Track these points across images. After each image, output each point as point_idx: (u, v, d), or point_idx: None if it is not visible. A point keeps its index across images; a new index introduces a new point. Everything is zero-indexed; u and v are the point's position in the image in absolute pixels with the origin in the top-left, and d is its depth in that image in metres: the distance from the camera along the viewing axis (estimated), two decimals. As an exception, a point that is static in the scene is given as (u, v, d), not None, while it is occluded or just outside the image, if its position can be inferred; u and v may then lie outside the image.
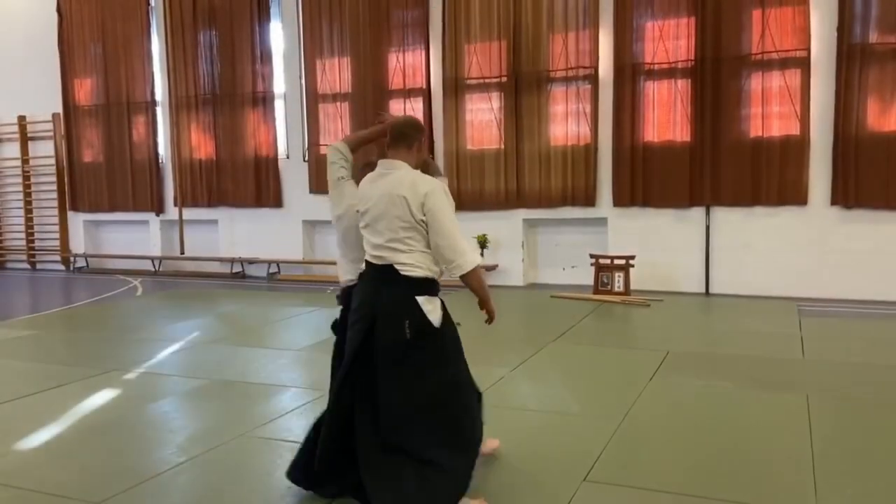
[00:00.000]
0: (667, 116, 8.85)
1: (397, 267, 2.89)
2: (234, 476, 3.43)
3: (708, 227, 8.75)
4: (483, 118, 9.67)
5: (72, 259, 12.35)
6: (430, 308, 2.91)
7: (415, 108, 9.95)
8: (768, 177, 8.42)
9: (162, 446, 3.84)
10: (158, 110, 11.58)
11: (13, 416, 4.42)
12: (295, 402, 4.61)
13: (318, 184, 10.61)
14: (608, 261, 8.58)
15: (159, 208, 11.69)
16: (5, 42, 12.33)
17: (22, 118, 12.43)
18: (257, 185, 10.92)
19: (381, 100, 10.09)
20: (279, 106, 10.87)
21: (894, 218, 8.03)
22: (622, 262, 8.49)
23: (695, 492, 3.17)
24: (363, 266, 3.08)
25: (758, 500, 3.10)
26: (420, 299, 2.89)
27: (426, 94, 9.88)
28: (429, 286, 2.94)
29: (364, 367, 2.93)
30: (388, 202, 2.94)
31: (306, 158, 10.69)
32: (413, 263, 2.91)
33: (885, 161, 7.97)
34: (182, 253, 11.25)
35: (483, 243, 9.55)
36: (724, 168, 8.56)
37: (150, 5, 11.43)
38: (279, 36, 10.80)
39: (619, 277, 8.46)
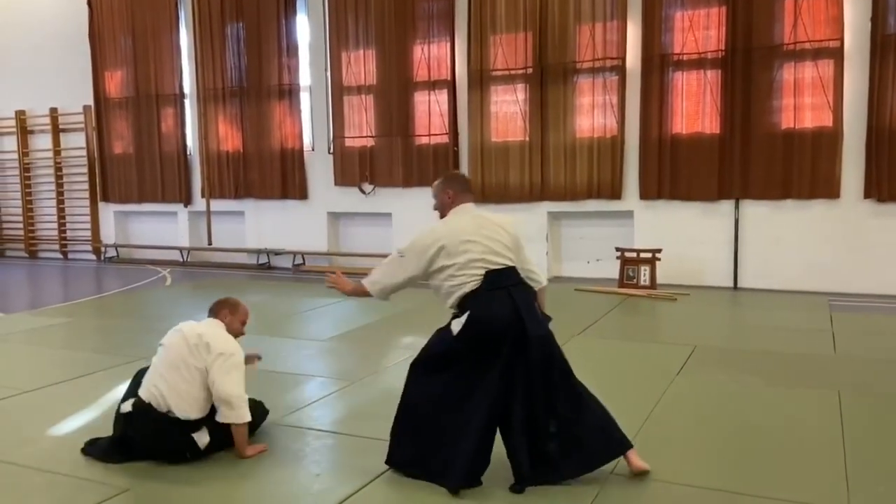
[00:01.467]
0: (695, 108, 8.73)
1: None
2: (262, 464, 3.47)
3: (737, 221, 8.63)
4: (508, 110, 9.63)
5: (102, 249, 12.57)
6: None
7: (439, 100, 9.94)
8: (800, 169, 8.27)
9: (191, 433, 3.89)
10: (186, 102, 11.71)
11: (46, 402, 4.51)
12: (321, 391, 4.65)
13: (343, 176, 10.66)
14: (634, 254, 8.50)
15: (187, 200, 11.83)
16: (37, 36, 12.53)
17: (54, 110, 12.64)
18: (283, 177, 11.00)
19: (406, 92, 10.09)
20: (305, 98, 10.93)
21: (930, 212, 7.86)
22: (648, 255, 8.41)
23: (722, 487, 3.14)
24: None
25: (788, 496, 3.06)
26: None
27: (451, 86, 9.86)
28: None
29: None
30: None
31: (331, 150, 10.74)
32: None
33: (921, 154, 7.79)
34: (209, 244, 11.38)
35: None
36: (754, 160, 8.43)
37: (178, -2, 11.55)
38: (305, 28, 10.84)
39: (645, 271, 8.39)
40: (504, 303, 3.13)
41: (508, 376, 3.12)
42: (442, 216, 3.47)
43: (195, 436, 3.40)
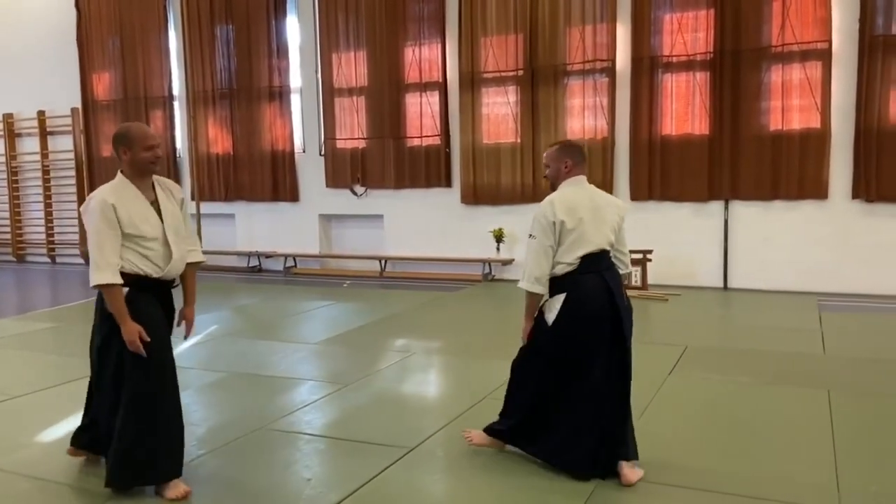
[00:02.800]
0: (685, 109, 8.76)
1: None
2: (253, 468, 3.45)
3: (727, 221, 8.67)
4: (499, 112, 9.63)
5: (91, 253, 12.46)
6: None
7: (431, 102, 9.94)
8: (788, 170, 8.32)
9: (181, 438, 3.86)
10: (175, 105, 11.65)
11: (34, 408, 4.47)
12: (313, 395, 4.63)
13: (335, 178, 10.64)
14: (625, 255, 8.51)
15: (177, 202, 11.74)
16: (25, 38, 12.44)
17: (41, 113, 12.55)
18: (274, 180, 10.96)
19: (398, 94, 10.08)
20: (295, 100, 10.89)
21: (917, 212, 7.92)
22: (640, 256, 8.42)
23: (715, 487, 3.15)
24: None
25: (779, 496, 3.07)
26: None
27: (442, 88, 9.86)
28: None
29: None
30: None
31: (322, 152, 10.71)
32: None
33: (908, 154, 7.85)
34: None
35: (499, 238, 9.53)
36: (744, 161, 8.47)
37: (167, 0, 11.49)
38: (295, 30, 10.81)
39: (636, 272, 8.41)
40: (598, 284, 3.20)
41: (609, 358, 3.20)
42: (553, 186, 3.41)
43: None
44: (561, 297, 3.21)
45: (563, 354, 3.22)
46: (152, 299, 3.20)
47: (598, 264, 3.23)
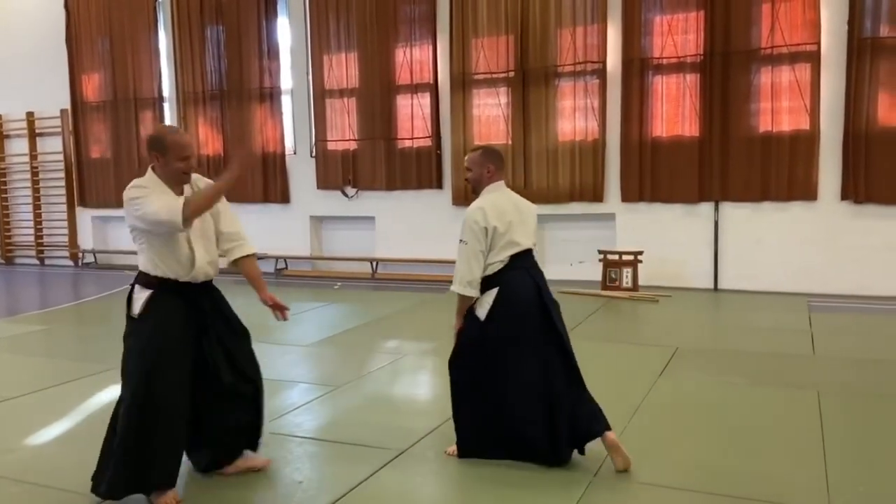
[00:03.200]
0: (675, 111, 8.80)
1: None
2: (244, 472, 3.43)
3: (717, 223, 8.71)
4: (490, 113, 9.64)
5: (80, 254, 12.40)
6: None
7: (422, 104, 9.94)
8: (778, 172, 8.37)
9: (172, 442, 3.84)
10: (166, 106, 11.59)
11: (23, 411, 4.43)
12: (304, 397, 4.62)
13: (326, 179, 10.62)
14: (616, 256, 8.55)
15: (167, 204, 11.69)
16: (13, 39, 12.36)
17: (30, 114, 12.46)
18: (265, 181, 10.93)
19: (389, 95, 10.08)
20: (286, 102, 10.87)
21: (905, 213, 7.98)
22: (630, 257, 8.46)
23: (705, 488, 3.16)
24: None
25: (769, 496, 3.08)
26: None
27: (433, 90, 9.86)
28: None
29: None
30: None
31: (313, 154, 10.69)
32: None
33: (896, 156, 7.91)
34: (190, 248, 11.24)
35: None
36: (733, 163, 8.51)
37: (157, 1, 11.44)
38: (286, 31, 10.79)
39: (627, 273, 8.44)
40: (526, 280, 3.38)
41: (543, 348, 3.35)
42: (475, 190, 3.56)
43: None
44: (493, 293, 3.35)
45: (497, 346, 3.34)
46: (178, 303, 3.13)
47: (525, 262, 3.42)
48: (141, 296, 3.11)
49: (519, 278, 3.37)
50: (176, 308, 3.10)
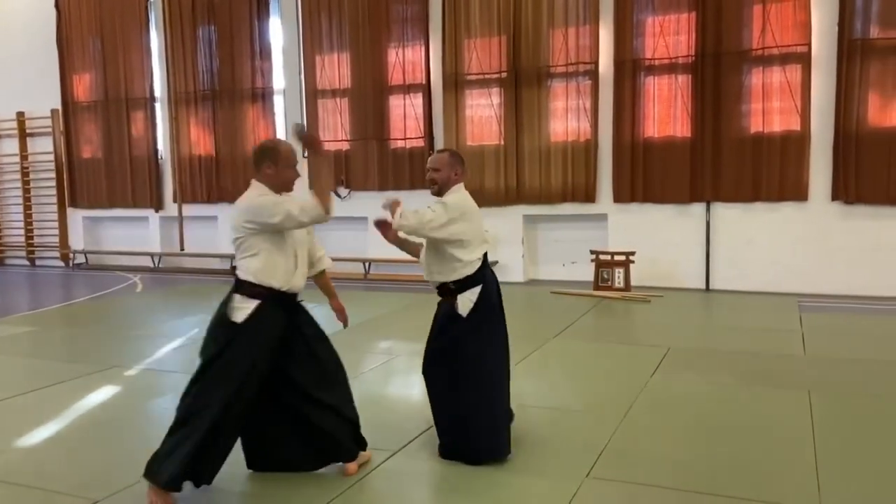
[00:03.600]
0: (667, 112, 8.83)
1: None
2: (237, 474, 3.42)
3: (708, 223, 8.74)
4: (483, 114, 9.65)
5: (71, 255, 12.33)
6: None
7: (414, 104, 9.93)
8: (769, 172, 8.40)
9: (163, 443, 3.82)
10: (157, 106, 11.55)
11: (13, 412, 4.40)
12: (296, 398, 4.59)
13: (318, 180, 10.58)
14: (608, 257, 8.57)
15: (158, 205, 11.66)
16: (4, 38, 12.28)
17: (21, 114, 12.39)
18: (257, 181, 10.88)
19: (381, 95, 10.07)
20: (278, 102, 10.85)
21: (895, 213, 8.02)
22: (622, 258, 8.48)
23: (697, 488, 3.17)
24: None
25: (760, 496, 3.09)
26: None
27: (426, 90, 9.86)
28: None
29: None
30: None
31: (305, 154, 10.64)
32: None
33: (886, 156, 7.96)
34: (182, 249, 11.22)
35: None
36: (725, 163, 8.55)
37: (148, 0, 11.39)
38: (278, 31, 10.77)
39: (619, 273, 8.45)
40: (493, 277, 3.60)
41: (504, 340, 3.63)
42: (440, 191, 3.60)
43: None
44: (476, 290, 3.46)
45: (485, 340, 3.46)
46: (279, 316, 3.18)
47: (487, 260, 3.61)
48: (246, 305, 3.12)
49: (490, 275, 3.56)
50: (276, 324, 3.16)
